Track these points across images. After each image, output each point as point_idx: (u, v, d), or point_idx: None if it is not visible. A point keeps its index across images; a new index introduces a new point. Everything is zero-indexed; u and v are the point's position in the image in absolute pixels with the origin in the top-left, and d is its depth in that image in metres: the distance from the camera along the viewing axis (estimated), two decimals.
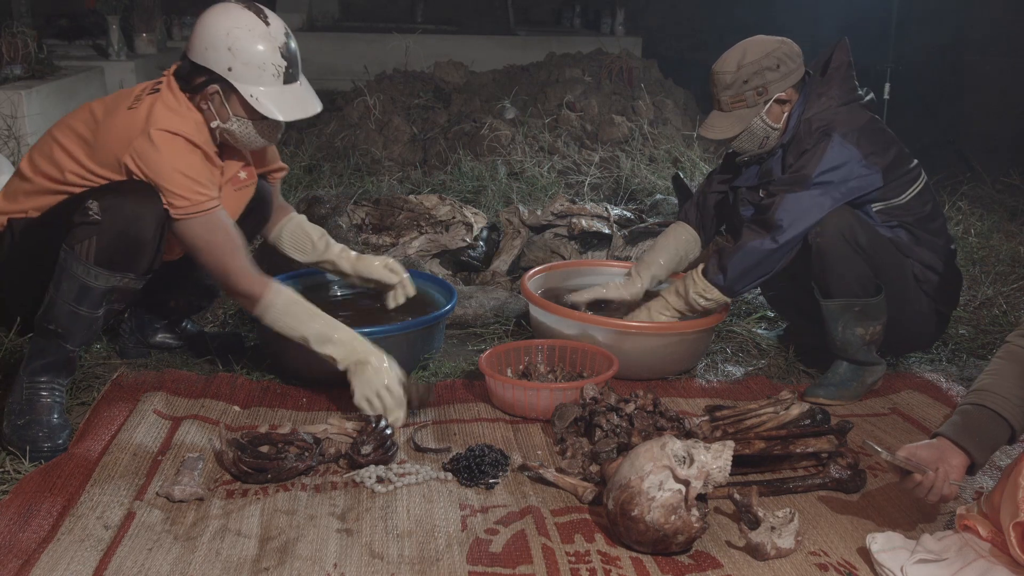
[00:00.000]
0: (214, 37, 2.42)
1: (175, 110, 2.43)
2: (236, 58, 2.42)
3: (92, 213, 2.31)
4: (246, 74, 2.44)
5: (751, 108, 2.77)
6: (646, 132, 5.67)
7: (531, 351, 2.85)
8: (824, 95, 2.78)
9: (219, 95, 2.46)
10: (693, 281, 2.82)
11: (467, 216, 3.89)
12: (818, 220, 2.67)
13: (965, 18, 6.78)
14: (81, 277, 2.33)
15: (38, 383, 2.40)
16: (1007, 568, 1.85)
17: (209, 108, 2.48)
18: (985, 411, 2.03)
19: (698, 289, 2.81)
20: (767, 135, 2.80)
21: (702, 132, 2.90)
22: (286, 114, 2.49)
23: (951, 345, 3.21)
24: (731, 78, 2.76)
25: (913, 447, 2.03)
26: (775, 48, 2.76)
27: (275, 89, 2.47)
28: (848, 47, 2.84)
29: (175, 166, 2.36)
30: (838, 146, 2.68)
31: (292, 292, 2.53)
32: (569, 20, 9.71)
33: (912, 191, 2.78)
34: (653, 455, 1.98)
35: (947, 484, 1.98)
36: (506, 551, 1.97)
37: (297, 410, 2.64)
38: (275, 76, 2.46)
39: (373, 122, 5.75)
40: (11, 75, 5.05)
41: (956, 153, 5.98)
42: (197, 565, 1.91)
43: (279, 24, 2.50)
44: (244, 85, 2.44)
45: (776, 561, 1.98)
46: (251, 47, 2.42)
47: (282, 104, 2.48)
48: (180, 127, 2.39)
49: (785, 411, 2.46)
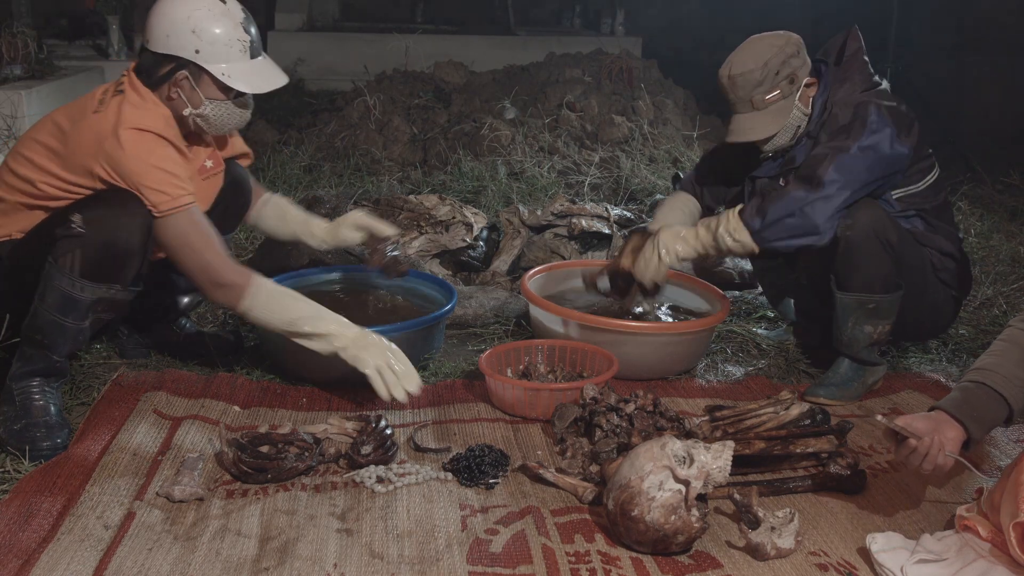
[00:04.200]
0: (175, 22, 2.41)
1: (141, 107, 2.40)
2: (202, 39, 2.41)
3: (75, 226, 2.30)
4: (214, 53, 2.43)
5: (787, 98, 2.71)
6: (646, 132, 5.67)
7: (531, 351, 2.85)
8: (847, 80, 2.75)
9: (188, 80, 2.44)
10: (726, 219, 2.69)
11: (467, 216, 3.89)
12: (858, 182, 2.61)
13: (965, 17, 6.78)
14: (66, 289, 2.31)
15: (29, 387, 2.40)
16: (1007, 568, 1.85)
17: (180, 96, 2.46)
18: (985, 388, 2.04)
19: (729, 227, 2.68)
20: (799, 124, 2.76)
21: (737, 138, 2.76)
22: (259, 86, 2.50)
23: (951, 345, 3.21)
24: (761, 74, 2.68)
25: (910, 417, 2.04)
26: (786, 38, 2.74)
27: (244, 64, 2.48)
28: (859, 35, 2.82)
29: (149, 162, 2.34)
30: (876, 120, 2.63)
31: (275, 284, 2.53)
32: (569, 20, 9.71)
33: (928, 179, 2.77)
34: (653, 455, 1.98)
35: (942, 454, 1.97)
36: (506, 551, 1.97)
37: (297, 410, 2.64)
38: (242, 51, 2.47)
39: (373, 122, 5.75)
40: (11, 75, 5.05)
41: (956, 153, 5.98)
42: (197, 565, 1.91)
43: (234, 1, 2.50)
44: (214, 64, 2.44)
45: (776, 561, 1.98)
46: (214, 26, 2.42)
47: (253, 78, 2.49)
48: (149, 123, 2.37)
49: (785, 411, 2.46)
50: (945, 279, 2.83)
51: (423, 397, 2.69)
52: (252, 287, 2.46)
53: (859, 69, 2.78)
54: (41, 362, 2.39)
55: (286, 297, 2.51)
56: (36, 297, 2.35)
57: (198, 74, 2.45)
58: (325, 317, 2.49)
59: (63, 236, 2.31)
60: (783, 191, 2.67)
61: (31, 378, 2.40)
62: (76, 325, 2.36)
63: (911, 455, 1.99)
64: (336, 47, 8.18)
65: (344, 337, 2.48)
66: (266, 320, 2.50)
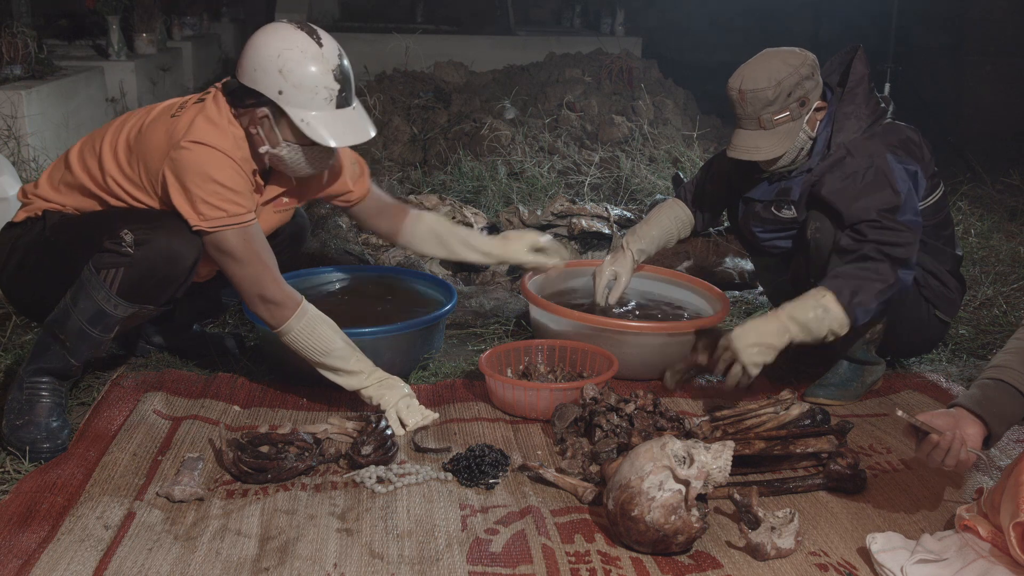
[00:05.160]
0: (264, 59, 2.31)
1: (215, 123, 2.34)
2: (287, 81, 2.30)
3: (125, 245, 2.27)
4: (297, 97, 2.32)
5: (796, 121, 2.65)
6: (646, 132, 5.67)
7: (531, 351, 2.85)
8: (852, 116, 2.68)
9: (268, 119, 2.35)
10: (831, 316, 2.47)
11: (467, 216, 3.89)
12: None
13: (965, 18, 6.78)
14: (101, 303, 2.31)
15: (39, 383, 2.39)
16: (1007, 568, 1.85)
17: (259, 132, 2.38)
18: (1004, 386, 2.03)
19: (834, 325, 2.49)
20: (804, 147, 2.71)
21: (740, 155, 2.69)
22: (338, 140, 2.37)
23: (951, 345, 3.21)
24: (773, 93, 2.60)
25: (930, 414, 2.03)
26: (802, 57, 2.66)
27: (327, 114, 2.35)
28: (865, 57, 2.75)
29: (209, 174, 2.29)
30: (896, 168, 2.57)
31: (320, 313, 2.47)
32: (569, 20, 9.72)
33: (931, 199, 2.73)
34: (653, 455, 1.98)
35: (964, 450, 1.96)
36: (506, 551, 1.97)
37: (297, 410, 2.64)
38: (327, 100, 2.34)
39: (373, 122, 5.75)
40: (11, 75, 5.05)
41: (956, 153, 5.98)
42: (197, 565, 1.91)
43: (333, 45, 2.38)
44: (295, 109, 2.32)
45: (776, 561, 1.98)
46: (303, 69, 2.30)
47: (334, 129, 2.36)
48: (218, 141, 2.31)
49: (785, 411, 2.46)
50: (927, 296, 2.80)
51: (423, 397, 2.70)
52: (299, 310, 2.43)
53: (865, 98, 2.71)
54: (58, 361, 2.38)
55: (326, 327, 2.46)
56: (68, 297, 2.34)
57: (278, 115, 2.35)
58: (357, 355, 2.49)
59: (110, 250, 2.29)
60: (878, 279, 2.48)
61: (43, 375, 2.40)
62: (101, 336, 2.36)
63: (933, 451, 1.99)
64: None
65: (371, 377, 2.50)
66: (300, 345, 2.45)
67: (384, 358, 2.62)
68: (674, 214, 3.11)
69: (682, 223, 3.11)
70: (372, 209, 2.84)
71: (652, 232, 3.08)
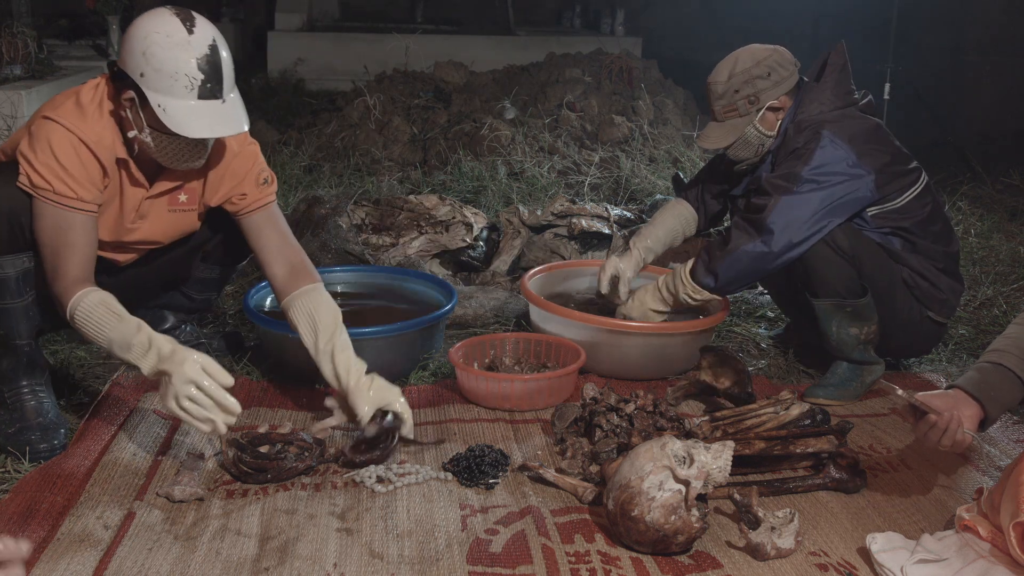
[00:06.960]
0: (132, 39, 2.25)
1: (81, 105, 2.30)
2: (148, 64, 2.21)
3: None
4: (157, 82, 2.21)
5: (743, 117, 2.79)
6: (646, 132, 5.67)
7: (496, 344, 2.90)
8: (816, 100, 2.76)
9: (135, 103, 2.27)
10: (682, 283, 2.82)
11: (467, 216, 3.89)
12: (808, 221, 2.63)
13: (965, 18, 6.78)
14: None
15: (19, 389, 2.40)
16: (1007, 568, 1.85)
17: (127, 115, 2.30)
18: (1002, 369, 2.05)
19: (687, 290, 2.82)
20: (762, 143, 2.82)
21: (699, 142, 2.96)
22: (192, 131, 2.23)
23: (951, 345, 3.21)
24: (723, 88, 2.79)
25: (928, 394, 2.06)
26: (766, 56, 2.76)
27: (187, 103, 2.23)
28: (844, 50, 2.82)
29: (51, 148, 2.24)
30: (828, 145, 2.65)
31: (105, 296, 2.24)
32: (569, 20, 9.73)
33: (910, 194, 2.73)
34: (653, 455, 1.98)
35: (960, 430, 1.99)
36: (506, 551, 1.97)
37: (297, 410, 2.64)
38: (188, 88, 2.22)
39: (373, 122, 5.75)
40: (11, 75, 5.06)
41: (956, 153, 5.98)
42: (197, 565, 1.91)
43: (207, 35, 2.25)
44: (153, 94, 2.22)
45: (776, 561, 1.98)
46: (164, 53, 2.20)
47: (191, 120, 2.23)
48: (73, 122, 2.27)
49: (785, 411, 2.46)
50: (919, 297, 2.79)
51: (423, 397, 2.70)
52: (73, 301, 2.22)
53: (834, 87, 2.77)
54: (14, 352, 2.37)
55: (103, 315, 2.21)
56: None
57: (144, 99, 2.25)
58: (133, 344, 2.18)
59: None
60: (731, 246, 2.71)
61: (17, 379, 2.40)
62: (17, 303, 2.32)
63: (931, 430, 2.01)
64: (336, 47, 8.19)
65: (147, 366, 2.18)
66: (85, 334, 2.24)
67: (384, 358, 2.62)
68: (678, 212, 3.13)
69: (686, 221, 3.13)
70: (269, 239, 2.55)
71: (658, 232, 3.09)
